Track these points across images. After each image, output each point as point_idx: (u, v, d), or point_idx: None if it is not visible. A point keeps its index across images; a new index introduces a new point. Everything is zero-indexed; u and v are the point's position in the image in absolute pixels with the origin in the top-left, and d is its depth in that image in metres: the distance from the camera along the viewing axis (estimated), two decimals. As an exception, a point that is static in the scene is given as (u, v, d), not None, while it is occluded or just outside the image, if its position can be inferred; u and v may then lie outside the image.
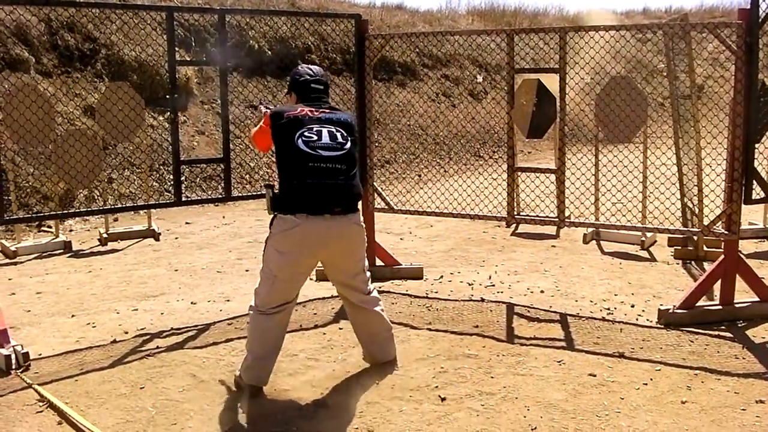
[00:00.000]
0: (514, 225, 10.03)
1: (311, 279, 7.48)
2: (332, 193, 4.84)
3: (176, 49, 6.74)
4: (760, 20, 6.08)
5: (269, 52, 15.96)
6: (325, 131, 4.91)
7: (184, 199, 7.14)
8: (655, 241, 9.10)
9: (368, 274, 5.35)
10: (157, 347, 5.94)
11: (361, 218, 5.14)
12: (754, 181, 6.32)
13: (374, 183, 7.69)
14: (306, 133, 4.86)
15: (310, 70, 5.27)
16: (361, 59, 7.57)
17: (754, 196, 6.35)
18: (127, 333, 6.33)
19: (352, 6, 20.96)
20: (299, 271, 5.02)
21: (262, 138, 5.17)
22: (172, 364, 5.57)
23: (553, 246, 9.19)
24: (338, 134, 4.94)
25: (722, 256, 6.44)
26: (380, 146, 15.44)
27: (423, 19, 22.51)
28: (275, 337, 5.08)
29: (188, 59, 14.01)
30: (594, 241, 9.29)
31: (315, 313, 6.68)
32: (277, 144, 4.95)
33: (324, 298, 7.05)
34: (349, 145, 4.97)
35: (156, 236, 9.88)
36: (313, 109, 5.00)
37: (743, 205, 6.33)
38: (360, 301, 5.31)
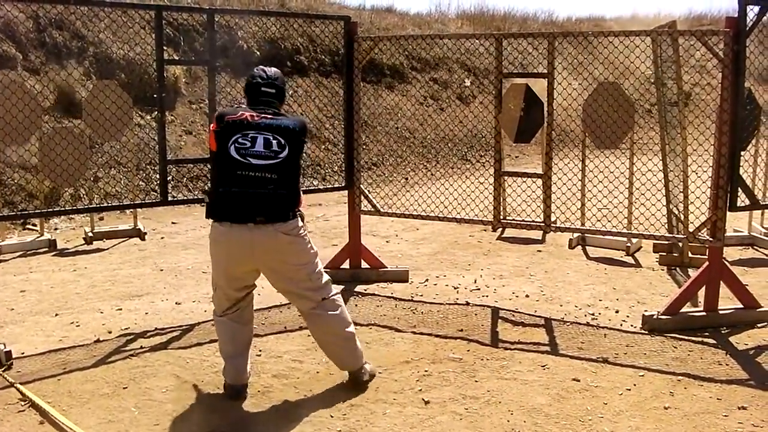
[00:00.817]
0: (501, 229, 10.03)
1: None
2: (255, 203, 4.72)
3: (165, 48, 6.72)
4: (747, 29, 6.12)
5: (258, 53, 15.94)
6: (260, 138, 4.78)
7: (170, 198, 7.11)
8: (641, 247, 9.12)
9: (323, 279, 5.07)
10: (141, 347, 5.92)
11: (298, 226, 4.86)
12: (739, 189, 6.35)
13: (361, 185, 7.67)
14: (240, 140, 4.76)
15: (264, 72, 5.09)
16: (349, 61, 7.56)
17: (739, 203, 6.38)
18: (110, 333, 6.31)
19: (341, 8, 20.97)
20: (235, 277, 4.95)
21: (211, 140, 5.00)
22: (155, 365, 5.56)
23: (539, 251, 9.20)
24: (274, 142, 4.79)
25: (706, 263, 6.47)
26: (368, 149, 15.44)
27: (412, 22, 22.52)
28: (239, 335, 5.08)
29: (177, 58, 14.00)
30: (580, 247, 9.31)
31: (299, 315, 6.64)
32: (216, 148, 4.84)
33: (309, 300, 7.02)
34: (285, 153, 4.79)
35: (141, 236, 9.85)
36: (254, 114, 4.85)
37: (728, 212, 6.36)
38: (310, 309, 5.07)
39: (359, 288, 7.46)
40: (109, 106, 7.10)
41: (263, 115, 4.86)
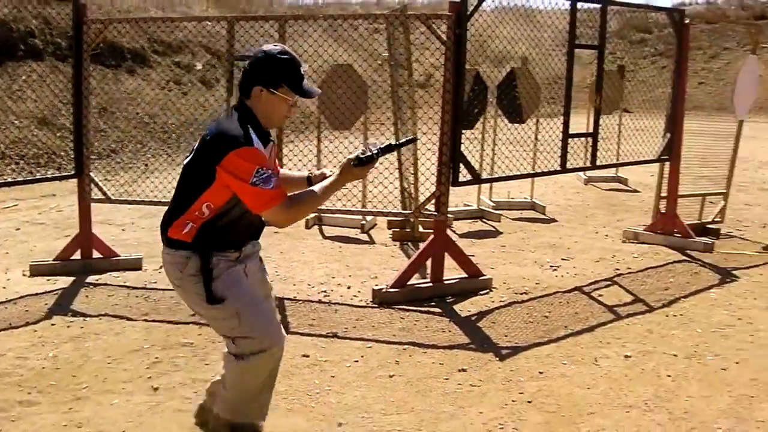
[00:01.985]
0: (242, 212, 9.99)
1: (24, 274, 7.21)
2: None
3: None
4: (468, 13, 6.47)
5: (-14, 35, 15.09)
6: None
7: None
8: (375, 224, 9.41)
9: (238, 339, 3.88)
10: None
11: (178, 262, 3.95)
12: (461, 165, 6.70)
13: (91, 173, 7.42)
14: None
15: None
16: (78, 45, 7.30)
17: (461, 178, 6.74)
18: None
19: (83, -11, 20.15)
20: None
21: None
22: None
23: (276, 232, 9.23)
24: (197, 144, 3.83)
25: (432, 236, 6.78)
26: (106, 135, 14.94)
27: (156, 4, 22.05)
28: None
29: None
30: (316, 226, 9.47)
31: (27, 310, 6.36)
32: None
33: (37, 294, 6.73)
34: (187, 161, 3.83)
35: None
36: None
37: (452, 187, 6.70)
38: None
39: (91, 279, 7.19)
40: None
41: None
